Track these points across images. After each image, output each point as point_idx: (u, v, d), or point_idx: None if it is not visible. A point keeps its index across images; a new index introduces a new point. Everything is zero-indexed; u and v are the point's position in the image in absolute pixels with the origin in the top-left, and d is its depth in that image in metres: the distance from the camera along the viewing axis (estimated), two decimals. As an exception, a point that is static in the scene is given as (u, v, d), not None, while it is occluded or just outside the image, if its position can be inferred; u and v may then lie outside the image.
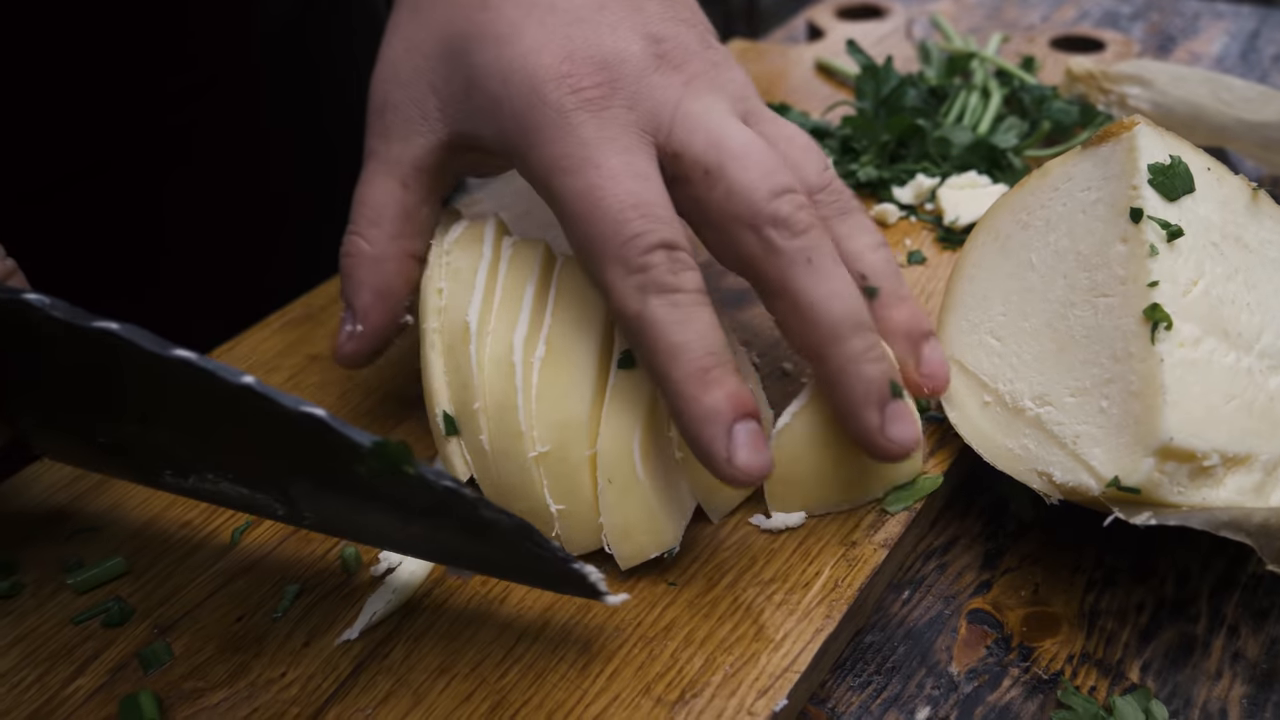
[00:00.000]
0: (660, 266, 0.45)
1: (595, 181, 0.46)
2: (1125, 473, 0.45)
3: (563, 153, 0.47)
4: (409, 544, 0.47)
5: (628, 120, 0.47)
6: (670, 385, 0.45)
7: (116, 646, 0.49)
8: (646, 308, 0.45)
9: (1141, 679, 0.47)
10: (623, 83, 0.48)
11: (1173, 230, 0.48)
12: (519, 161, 0.49)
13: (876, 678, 0.48)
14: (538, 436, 0.48)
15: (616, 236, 0.45)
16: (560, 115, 0.47)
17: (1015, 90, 0.82)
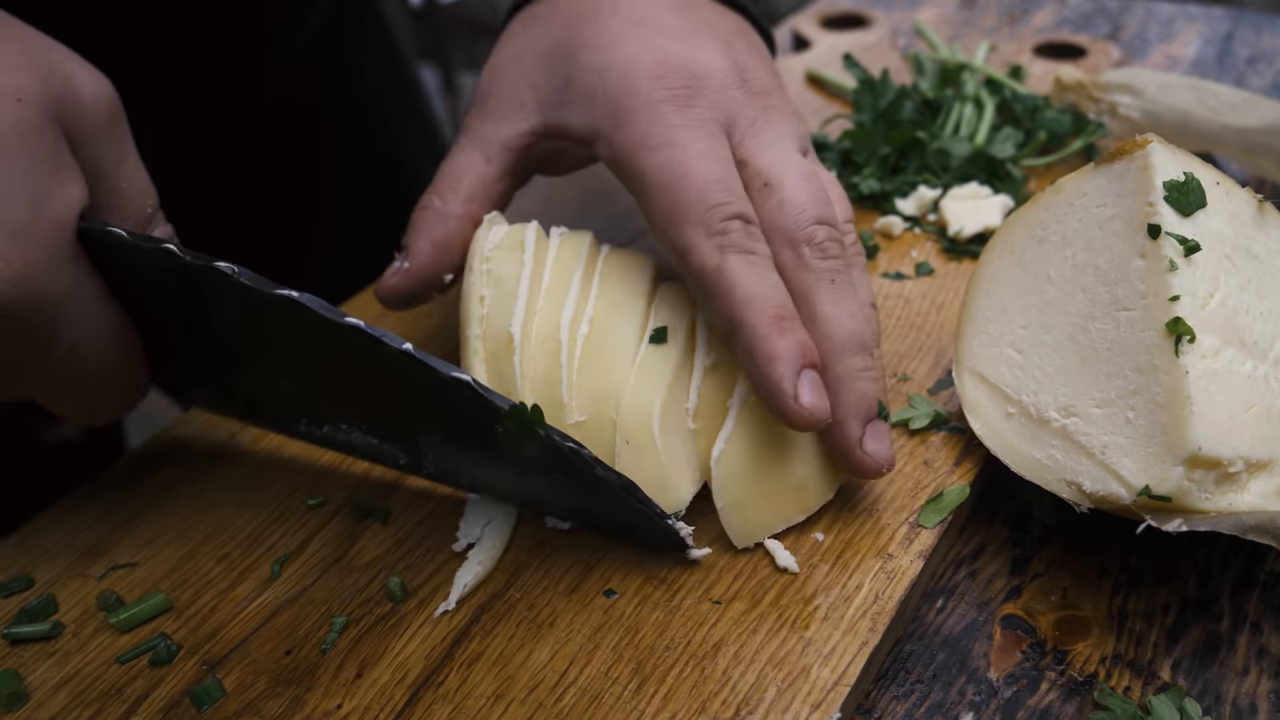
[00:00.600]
0: (738, 231, 0.50)
1: (679, 157, 0.51)
2: (1156, 482, 0.47)
3: (649, 132, 0.52)
4: (520, 495, 0.54)
5: (709, 117, 0.53)
6: (745, 329, 0.49)
7: (166, 684, 0.49)
8: (725, 262, 0.49)
9: (1173, 678, 0.49)
10: (708, 91, 0.54)
11: (1190, 245, 0.50)
12: (604, 143, 0.54)
13: (919, 686, 0.50)
14: (576, 407, 0.52)
15: (700, 204, 0.50)
16: (650, 104, 0.53)
17: (1006, 99, 0.84)
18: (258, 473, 0.60)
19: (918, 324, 0.66)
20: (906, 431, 0.58)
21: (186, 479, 0.60)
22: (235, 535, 0.56)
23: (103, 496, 0.59)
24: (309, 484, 0.59)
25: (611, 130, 0.53)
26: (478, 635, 0.50)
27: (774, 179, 0.53)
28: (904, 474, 0.56)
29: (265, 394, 0.55)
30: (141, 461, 0.61)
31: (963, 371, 0.57)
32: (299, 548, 0.55)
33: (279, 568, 0.54)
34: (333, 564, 0.54)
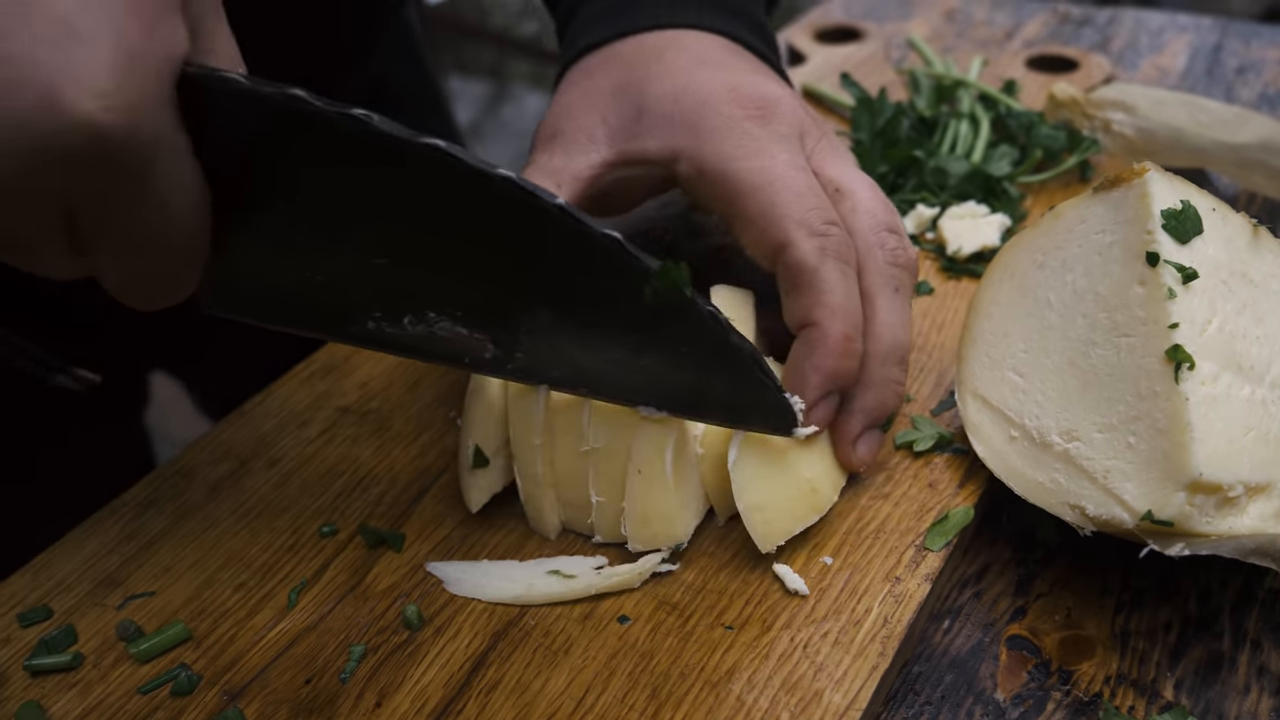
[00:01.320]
0: (837, 237, 0.54)
1: (771, 165, 0.54)
2: (1158, 507, 0.48)
3: (738, 144, 0.55)
4: (619, 384, 0.52)
5: (786, 133, 0.57)
6: (819, 333, 0.53)
7: (188, 715, 0.50)
8: (824, 266, 0.53)
9: (1176, 697, 0.50)
10: (780, 111, 0.57)
11: (1188, 273, 0.51)
12: (687, 160, 0.57)
13: (928, 708, 0.51)
14: (592, 435, 0.53)
15: (800, 205, 0.53)
16: (731, 122, 0.56)
17: (1001, 116, 0.85)
18: (269, 500, 0.60)
19: (919, 344, 0.67)
20: (911, 453, 0.59)
21: (198, 506, 0.60)
22: (250, 563, 0.57)
23: (116, 525, 0.59)
24: (321, 511, 0.59)
25: (696, 147, 0.56)
26: (495, 663, 0.51)
27: (845, 186, 0.57)
28: (909, 496, 0.57)
29: (339, 280, 0.49)
30: (154, 489, 0.61)
31: (965, 394, 0.58)
32: (314, 576, 0.56)
33: (295, 596, 0.55)
34: (349, 592, 0.55)
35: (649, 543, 0.54)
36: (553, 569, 0.54)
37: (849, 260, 0.54)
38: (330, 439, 0.64)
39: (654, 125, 0.58)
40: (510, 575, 0.54)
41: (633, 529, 0.54)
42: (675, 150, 0.57)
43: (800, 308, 0.54)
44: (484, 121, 3.26)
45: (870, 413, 0.55)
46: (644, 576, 0.53)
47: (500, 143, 3.12)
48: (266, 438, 0.65)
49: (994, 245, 0.73)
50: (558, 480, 0.55)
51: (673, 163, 0.58)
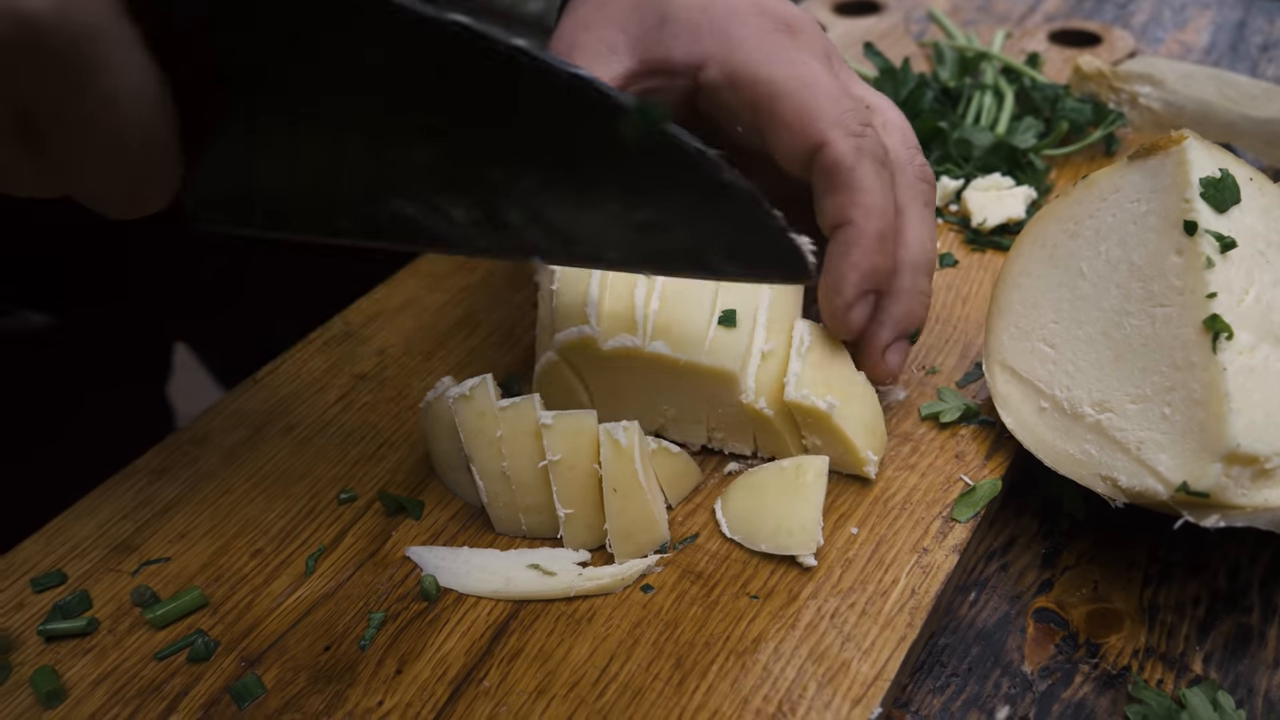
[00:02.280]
0: (873, 137, 0.54)
1: (805, 71, 0.54)
2: (1193, 478, 0.47)
3: (769, 51, 0.55)
4: (618, 248, 0.47)
5: (814, 49, 0.57)
6: (854, 231, 0.53)
7: (205, 681, 0.49)
8: (861, 164, 0.53)
9: (1205, 670, 0.50)
10: (805, 31, 0.58)
11: (1226, 242, 0.50)
12: (716, 65, 0.56)
13: (955, 679, 0.50)
14: (549, 447, 0.52)
15: (836, 107, 0.53)
16: (762, 32, 0.56)
17: (1025, 88, 0.84)
18: (285, 466, 0.60)
19: (944, 316, 0.66)
20: (937, 425, 0.59)
21: (214, 473, 0.59)
22: (268, 530, 0.56)
23: (129, 491, 0.59)
24: (339, 478, 0.59)
25: (726, 53, 0.56)
26: (516, 631, 0.50)
27: (874, 103, 0.58)
28: (935, 467, 0.56)
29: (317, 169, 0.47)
30: (167, 455, 0.61)
31: (993, 365, 0.58)
32: (333, 543, 0.55)
33: (314, 563, 0.54)
34: (368, 559, 0.54)
35: (634, 553, 0.53)
36: (533, 562, 0.52)
37: (884, 162, 0.54)
38: (347, 405, 0.63)
39: (679, 32, 0.57)
40: (490, 567, 0.53)
41: (618, 545, 0.52)
42: (703, 56, 0.56)
43: (836, 206, 0.54)
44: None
45: (899, 322, 0.56)
46: (627, 582, 0.52)
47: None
48: (282, 404, 0.64)
49: (1019, 218, 0.72)
50: (515, 490, 0.53)
51: (699, 70, 0.57)
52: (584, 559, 0.53)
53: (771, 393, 0.54)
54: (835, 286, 0.54)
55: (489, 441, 0.53)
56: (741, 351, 0.54)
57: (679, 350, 0.54)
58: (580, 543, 0.53)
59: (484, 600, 0.52)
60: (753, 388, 0.54)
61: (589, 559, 0.53)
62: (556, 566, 0.52)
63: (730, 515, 0.54)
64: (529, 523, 0.54)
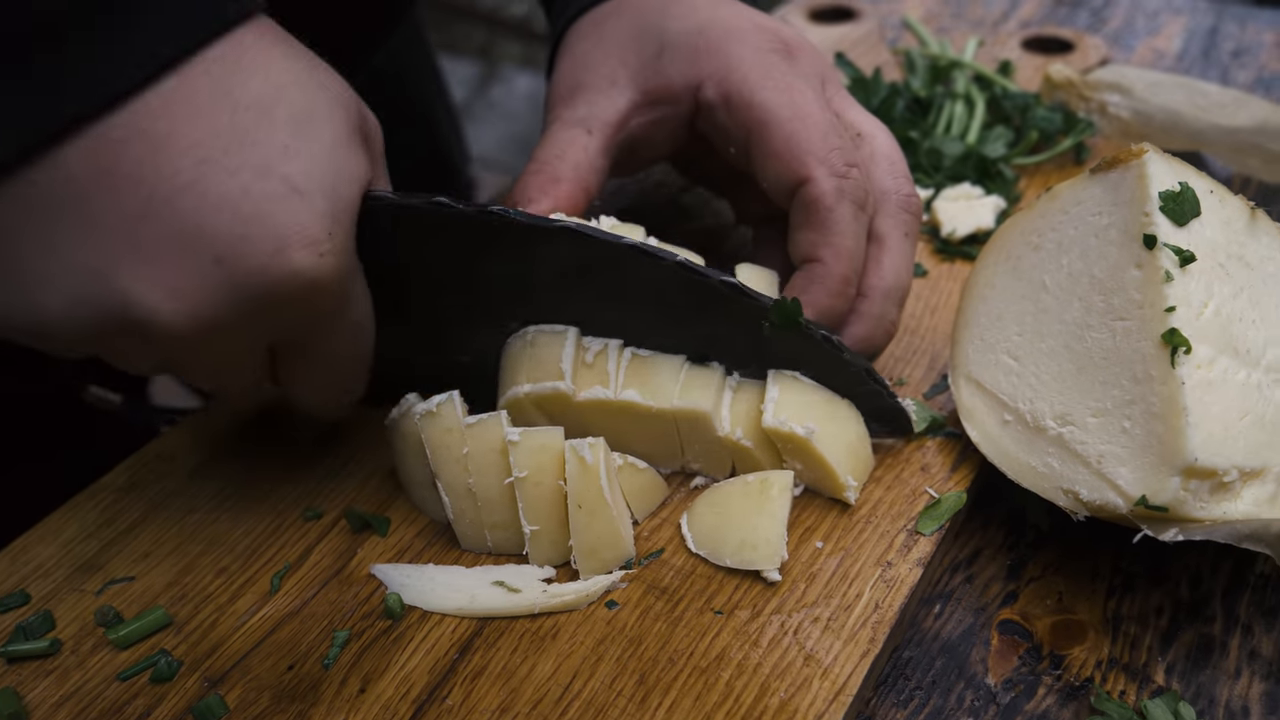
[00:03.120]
0: (856, 180, 0.55)
1: (799, 100, 0.55)
2: (1152, 492, 0.48)
3: (765, 74, 0.56)
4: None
5: (810, 73, 0.57)
6: (823, 270, 0.55)
7: (168, 702, 0.49)
8: (840, 207, 0.54)
9: (1167, 681, 0.50)
10: (802, 52, 0.58)
11: (1185, 256, 0.50)
12: (713, 85, 0.57)
13: (918, 693, 0.50)
14: (516, 463, 0.51)
15: (824, 143, 0.54)
16: (759, 52, 0.56)
17: (996, 96, 0.84)
18: (251, 484, 0.59)
19: (912, 327, 0.66)
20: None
21: (180, 491, 0.59)
22: (233, 548, 0.56)
23: (95, 510, 0.58)
24: (305, 495, 0.58)
25: (724, 74, 0.56)
26: (480, 648, 0.50)
27: (866, 131, 0.59)
28: (901, 480, 0.56)
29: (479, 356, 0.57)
30: (133, 474, 0.60)
31: (959, 377, 0.58)
32: (298, 560, 0.55)
33: (279, 581, 0.54)
34: (333, 576, 0.54)
35: (600, 569, 0.53)
36: (498, 579, 0.52)
37: (864, 205, 0.55)
38: (316, 422, 0.63)
39: (677, 57, 0.58)
40: (455, 584, 0.52)
41: (583, 561, 0.52)
42: (700, 77, 0.57)
43: (809, 243, 0.55)
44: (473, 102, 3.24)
45: (861, 343, 0.57)
46: (592, 598, 0.51)
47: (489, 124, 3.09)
48: (250, 421, 0.63)
49: (988, 227, 0.72)
50: (480, 507, 0.53)
51: (697, 90, 0.58)
52: (549, 575, 0.53)
53: (748, 423, 0.54)
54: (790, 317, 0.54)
55: (455, 458, 0.52)
56: (715, 388, 0.54)
57: (651, 398, 0.54)
58: (545, 559, 0.53)
59: (449, 617, 0.51)
60: (728, 418, 0.54)
61: (554, 575, 0.53)
62: (521, 583, 0.52)
63: (696, 530, 0.54)
64: (495, 539, 0.54)
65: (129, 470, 0.61)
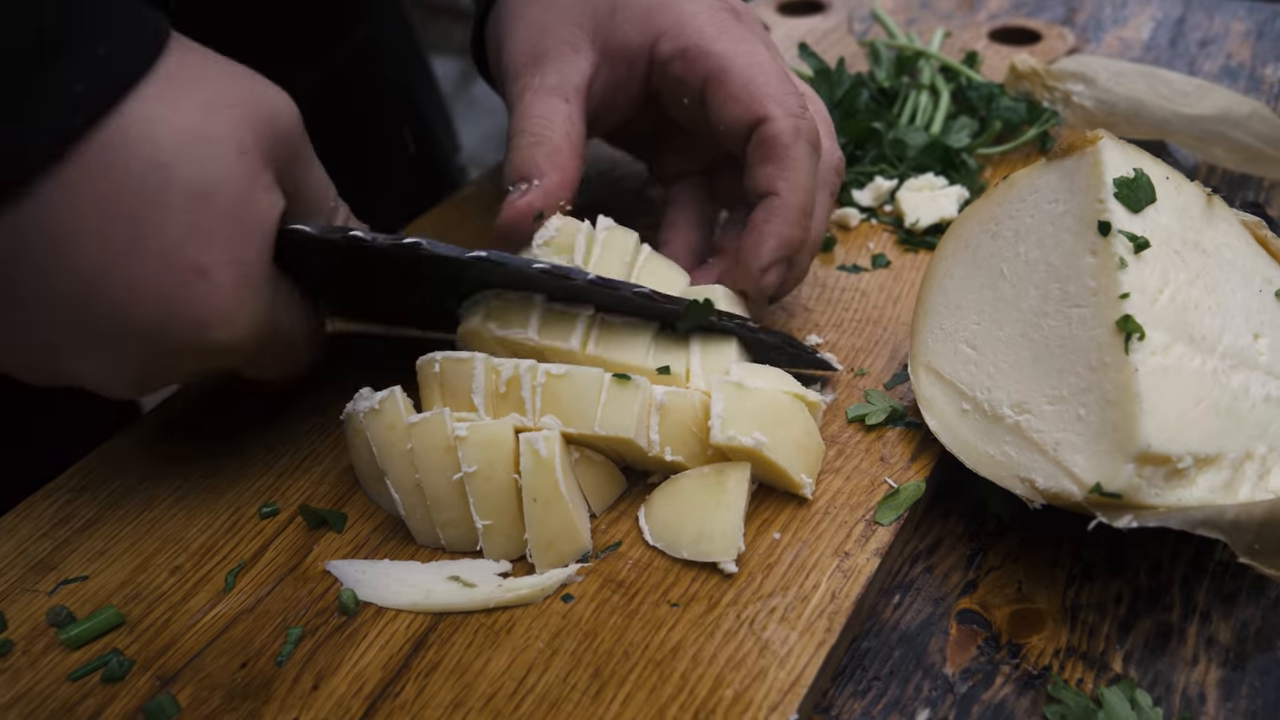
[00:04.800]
0: (809, 123, 0.57)
1: (754, 49, 0.58)
2: (1106, 479, 0.48)
3: (720, 28, 0.58)
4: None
5: (758, 31, 0.60)
6: (782, 206, 0.57)
7: (119, 701, 0.48)
8: (797, 144, 0.57)
9: (1124, 669, 0.50)
10: (747, 17, 0.61)
11: (1140, 242, 0.50)
12: (669, 40, 0.59)
13: (876, 683, 0.50)
14: (464, 458, 0.51)
15: (781, 88, 0.57)
16: (712, 11, 0.59)
17: (962, 87, 0.84)
18: (208, 481, 0.59)
19: (874, 318, 0.66)
20: (863, 427, 0.59)
21: (136, 490, 0.59)
22: (188, 546, 0.55)
23: (50, 509, 0.58)
24: (261, 491, 0.58)
25: (679, 28, 0.59)
26: (435, 644, 0.50)
27: (806, 92, 0.62)
28: (860, 470, 0.56)
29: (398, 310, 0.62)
30: (88, 473, 0.60)
31: (918, 367, 0.58)
32: (253, 557, 0.54)
33: (233, 579, 0.53)
34: (288, 573, 0.53)
35: (556, 563, 0.52)
36: (453, 574, 0.52)
37: (816, 145, 0.58)
38: (272, 417, 0.63)
39: (634, 17, 0.60)
40: (409, 579, 0.52)
41: (539, 555, 0.52)
42: (657, 32, 0.59)
43: (767, 176, 0.57)
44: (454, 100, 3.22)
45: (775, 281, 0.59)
46: (548, 592, 0.51)
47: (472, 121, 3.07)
48: (207, 418, 0.63)
49: (952, 217, 0.72)
50: (430, 505, 0.53)
51: (653, 45, 0.59)
52: (505, 570, 0.52)
53: (680, 437, 0.53)
54: (754, 250, 0.57)
55: (400, 454, 0.52)
56: (637, 410, 0.52)
57: (571, 424, 0.52)
58: (501, 553, 0.53)
59: (404, 613, 0.51)
60: (657, 441, 0.53)
61: (510, 570, 0.52)
62: (477, 578, 0.52)
63: (653, 522, 0.54)
64: (447, 537, 0.53)
65: (84, 469, 0.60)
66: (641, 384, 0.52)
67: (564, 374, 0.52)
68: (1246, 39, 1.00)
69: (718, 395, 0.53)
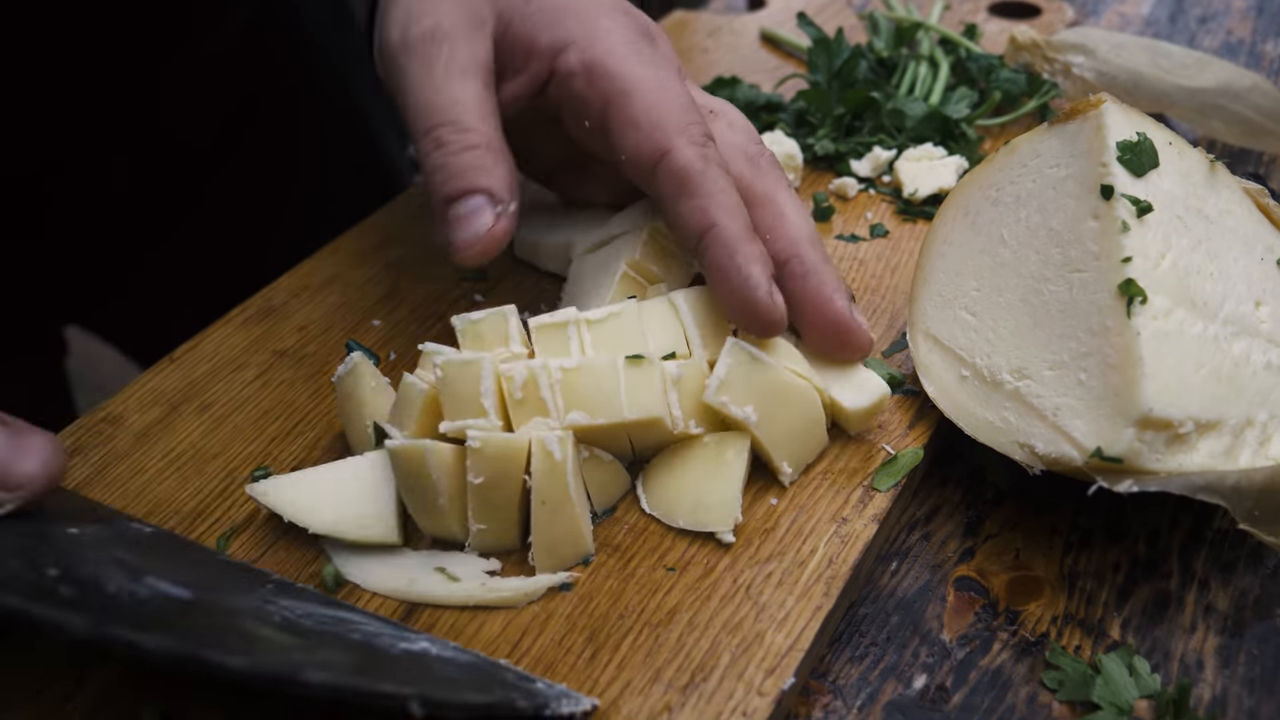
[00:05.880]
0: (715, 151, 0.54)
1: (662, 76, 0.55)
2: (1107, 443, 0.47)
3: (632, 50, 0.55)
4: None
5: (670, 58, 0.58)
6: (723, 232, 0.52)
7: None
8: (710, 171, 0.53)
9: (1122, 636, 0.50)
10: (661, 41, 0.58)
11: (1142, 206, 0.50)
12: (576, 51, 0.55)
13: (873, 649, 0.50)
14: (473, 470, 0.49)
15: (683, 118, 0.54)
16: (626, 30, 0.56)
17: (961, 59, 0.83)
18: (200, 445, 0.58)
19: (872, 286, 0.66)
20: (861, 395, 0.58)
21: (126, 454, 0.58)
22: (179, 509, 0.55)
23: (40, 471, 0.57)
24: (253, 456, 0.57)
25: (590, 42, 0.55)
26: (428, 608, 0.49)
27: (718, 109, 0.59)
28: (858, 437, 0.56)
29: None
30: (79, 436, 0.59)
31: (916, 334, 0.57)
32: (245, 522, 0.54)
33: (224, 543, 0.53)
34: (280, 537, 0.53)
35: (557, 566, 0.50)
36: (440, 565, 0.50)
37: (726, 170, 0.54)
38: (265, 383, 0.62)
39: (546, 11, 0.56)
40: (397, 564, 0.51)
41: (541, 557, 0.50)
42: (567, 39, 0.56)
43: (694, 210, 0.53)
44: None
45: (838, 287, 0.55)
46: (533, 597, 0.49)
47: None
48: (199, 382, 0.62)
49: (950, 188, 0.71)
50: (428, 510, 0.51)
51: (559, 53, 0.56)
52: (494, 568, 0.51)
53: (700, 409, 0.52)
54: (746, 282, 0.51)
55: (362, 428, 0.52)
56: (659, 389, 0.51)
57: (598, 415, 0.50)
58: (488, 549, 0.51)
59: (396, 578, 0.50)
60: (680, 417, 0.52)
61: (500, 569, 0.51)
62: (463, 573, 0.50)
63: (650, 491, 0.53)
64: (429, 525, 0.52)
65: (74, 433, 0.59)
66: (654, 360, 0.51)
67: (577, 366, 0.50)
68: (1247, 15, 0.99)
69: (726, 358, 0.51)
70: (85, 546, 0.46)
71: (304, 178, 0.96)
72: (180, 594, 0.43)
